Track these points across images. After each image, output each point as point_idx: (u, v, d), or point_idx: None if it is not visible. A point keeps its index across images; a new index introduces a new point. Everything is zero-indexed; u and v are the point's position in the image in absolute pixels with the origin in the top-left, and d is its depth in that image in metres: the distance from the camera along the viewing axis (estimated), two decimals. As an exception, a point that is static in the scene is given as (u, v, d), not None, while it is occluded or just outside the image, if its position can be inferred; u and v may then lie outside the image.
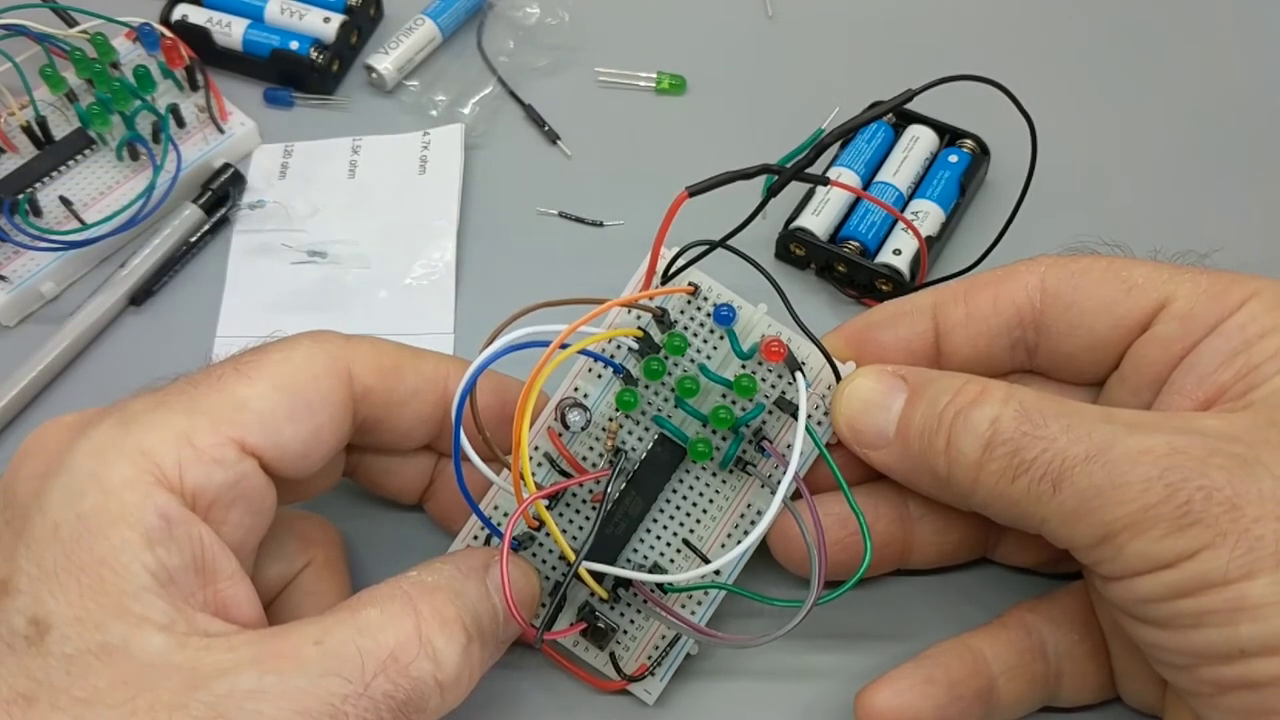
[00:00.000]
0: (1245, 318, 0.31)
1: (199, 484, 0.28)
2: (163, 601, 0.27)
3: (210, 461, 0.29)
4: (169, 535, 0.28)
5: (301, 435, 0.31)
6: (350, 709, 0.26)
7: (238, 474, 0.29)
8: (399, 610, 0.29)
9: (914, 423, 0.32)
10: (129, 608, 0.26)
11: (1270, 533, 0.27)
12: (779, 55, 0.56)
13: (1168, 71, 0.56)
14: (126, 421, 0.29)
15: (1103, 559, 0.29)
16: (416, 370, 0.34)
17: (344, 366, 0.32)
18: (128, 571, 0.27)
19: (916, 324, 0.36)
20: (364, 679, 0.27)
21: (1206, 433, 0.29)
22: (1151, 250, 0.35)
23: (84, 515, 0.27)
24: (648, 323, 0.35)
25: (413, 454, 0.37)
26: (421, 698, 0.28)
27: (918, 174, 0.49)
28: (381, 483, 0.38)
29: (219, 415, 0.29)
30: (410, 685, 0.28)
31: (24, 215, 0.46)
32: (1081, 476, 0.29)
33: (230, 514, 0.30)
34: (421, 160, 0.52)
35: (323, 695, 0.26)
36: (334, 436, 0.32)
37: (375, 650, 0.27)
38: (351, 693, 0.27)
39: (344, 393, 0.32)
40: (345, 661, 0.27)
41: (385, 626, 0.28)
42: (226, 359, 0.32)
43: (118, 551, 0.27)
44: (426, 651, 0.28)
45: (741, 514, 0.35)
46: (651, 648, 0.36)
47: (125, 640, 0.26)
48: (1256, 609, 0.27)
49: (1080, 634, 0.35)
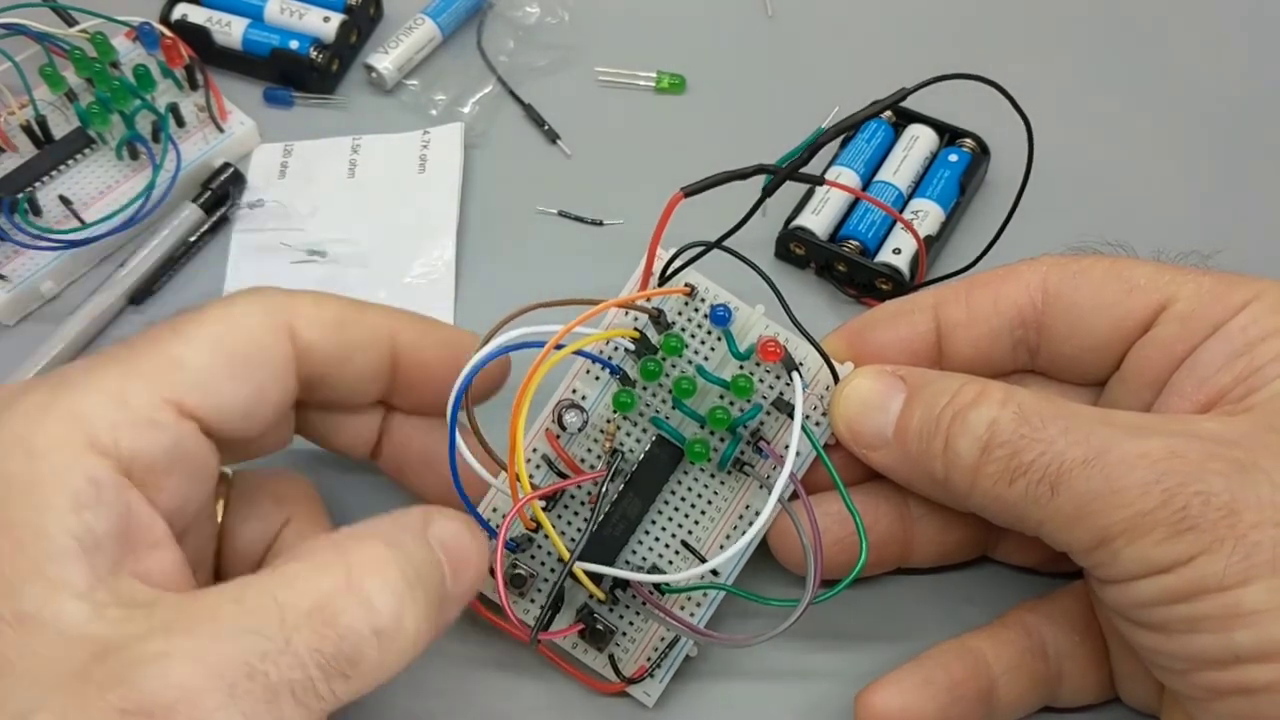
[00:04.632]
0: (1247, 320, 0.31)
1: (134, 448, 0.27)
2: (83, 567, 0.25)
3: (146, 424, 0.28)
4: (97, 500, 0.26)
5: (243, 394, 0.30)
6: (270, 668, 0.24)
7: (175, 437, 0.28)
8: (327, 560, 0.27)
9: (912, 424, 0.32)
10: (46, 573, 0.25)
11: (1267, 539, 0.27)
12: (779, 55, 0.56)
13: (1170, 71, 0.55)
14: (59, 385, 0.28)
15: (1100, 562, 0.29)
16: (360, 323, 0.33)
17: (284, 321, 0.31)
18: (48, 536, 0.25)
19: (918, 323, 0.35)
20: (284, 633, 0.25)
21: (1205, 436, 0.29)
22: (1154, 251, 0.35)
23: (6, 478, 0.26)
24: (645, 324, 0.35)
25: (362, 410, 0.36)
26: (355, 649, 0.25)
27: (917, 173, 0.49)
28: (331, 439, 0.37)
29: (155, 376, 0.28)
30: (340, 635, 0.25)
31: (24, 214, 0.46)
32: (1079, 480, 0.29)
33: (168, 480, 0.28)
34: (421, 160, 0.52)
35: (236, 654, 0.24)
36: (278, 394, 0.31)
37: (296, 601, 0.25)
38: (271, 649, 0.24)
39: (285, 349, 0.31)
40: (262, 616, 0.25)
41: (310, 577, 0.26)
42: (163, 320, 0.30)
43: (40, 514, 0.25)
44: (358, 599, 0.26)
45: (740, 515, 0.35)
46: (651, 650, 0.35)
47: (39, 608, 0.25)
48: (1252, 615, 0.27)
49: (1081, 635, 0.35)
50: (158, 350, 0.29)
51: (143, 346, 0.29)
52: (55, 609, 0.25)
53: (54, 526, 0.25)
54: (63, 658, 0.24)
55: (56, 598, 0.25)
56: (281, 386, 0.31)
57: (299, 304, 0.32)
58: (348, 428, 0.37)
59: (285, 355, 0.31)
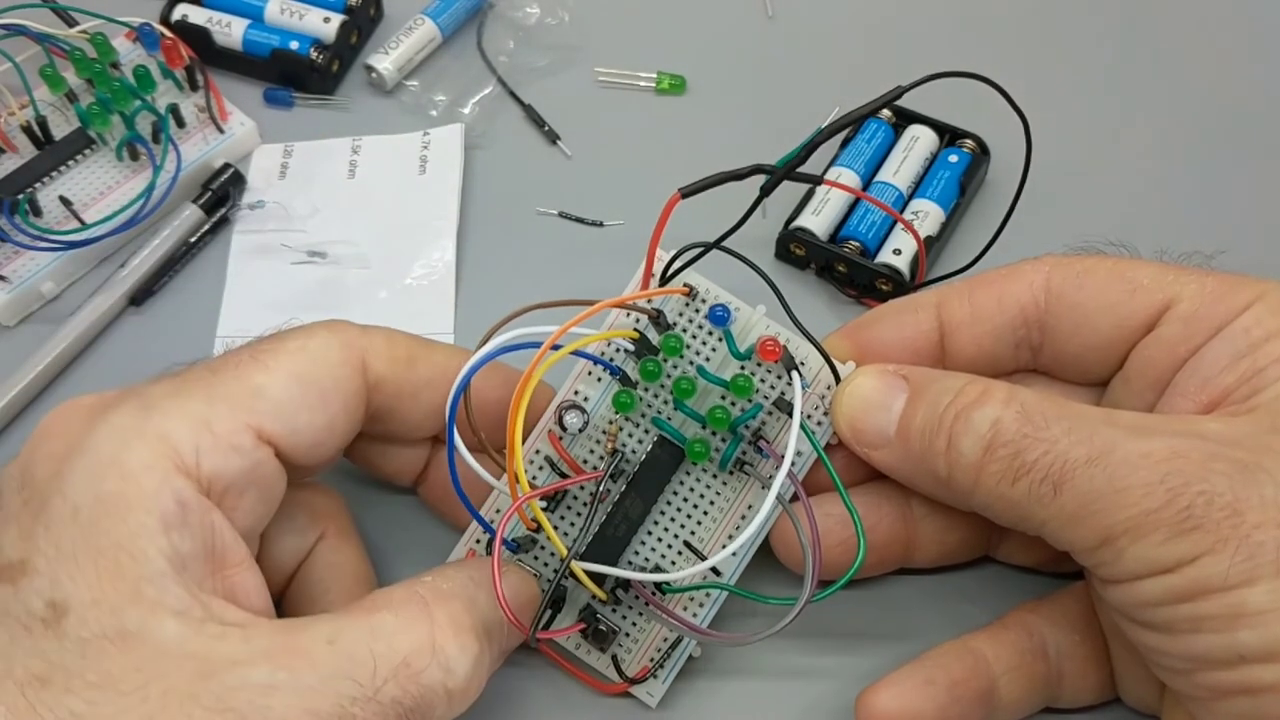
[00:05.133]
0: (1251, 320, 0.31)
1: (215, 470, 0.29)
2: (178, 587, 0.27)
3: (228, 448, 0.29)
4: (184, 521, 0.28)
5: (316, 424, 0.31)
6: (359, 711, 0.27)
7: (253, 461, 0.30)
8: (414, 616, 0.29)
9: (914, 423, 0.32)
10: (145, 593, 0.26)
11: (1271, 539, 0.26)
12: (779, 55, 0.56)
13: (1171, 72, 0.55)
14: (147, 406, 0.29)
15: (1102, 562, 0.29)
16: (429, 361, 0.34)
17: (359, 356, 0.33)
18: (144, 556, 0.27)
19: (920, 321, 0.35)
20: (375, 683, 0.27)
21: (1208, 436, 0.29)
22: (1157, 251, 0.35)
23: (103, 498, 0.27)
24: (645, 325, 0.35)
25: (415, 441, 0.37)
26: (429, 706, 0.28)
27: (918, 174, 0.49)
28: (379, 465, 0.38)
29: (237, 402, 0.30)
30: (419, 693, 0.28)
31: (24, 215, 0.46)
32: (1082, 480, 0.29)
33: (243, 500, 0.30)
34: (421, 160, 0.52)
35: (333, 696, 0.26)
36: (347, 425, 0.33)
37: (388, 655, 0.28)
38: (361, 696, 0.27)
39: (358, 382, 0.33)
40: (358, 664, 0.27)
41: (400, 631, 0.28)
42: (244, 346, 0.32)
43: (135, 536, 0.27)
44: (439, 660, 0.28)
45: (742, 515, 0.35)
46: (654, 650, 0.35)
47: (140, 626, 0.26)
48: (1256, 615, 0.26)
49: (1081, 635, 0.35)
50: (240, 377, 0.30)
51: (225, 372, 0.30)
52: (156, 627, 0.26)
53: (150, 547, 0.27)
54: (166, 674, 0.26)
55: (156, 616, 0.26)
56: (351, 418, 0.33)
57: (372, 339, 0.33)
58: (398, 457, 0.38)
59: (358, 388, 0.33)
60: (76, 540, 0.27)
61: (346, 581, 0.35)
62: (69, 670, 0.25)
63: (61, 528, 0.27)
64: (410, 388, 0.34)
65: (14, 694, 0.25)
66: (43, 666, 0.26)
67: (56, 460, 0.28)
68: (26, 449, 0.30)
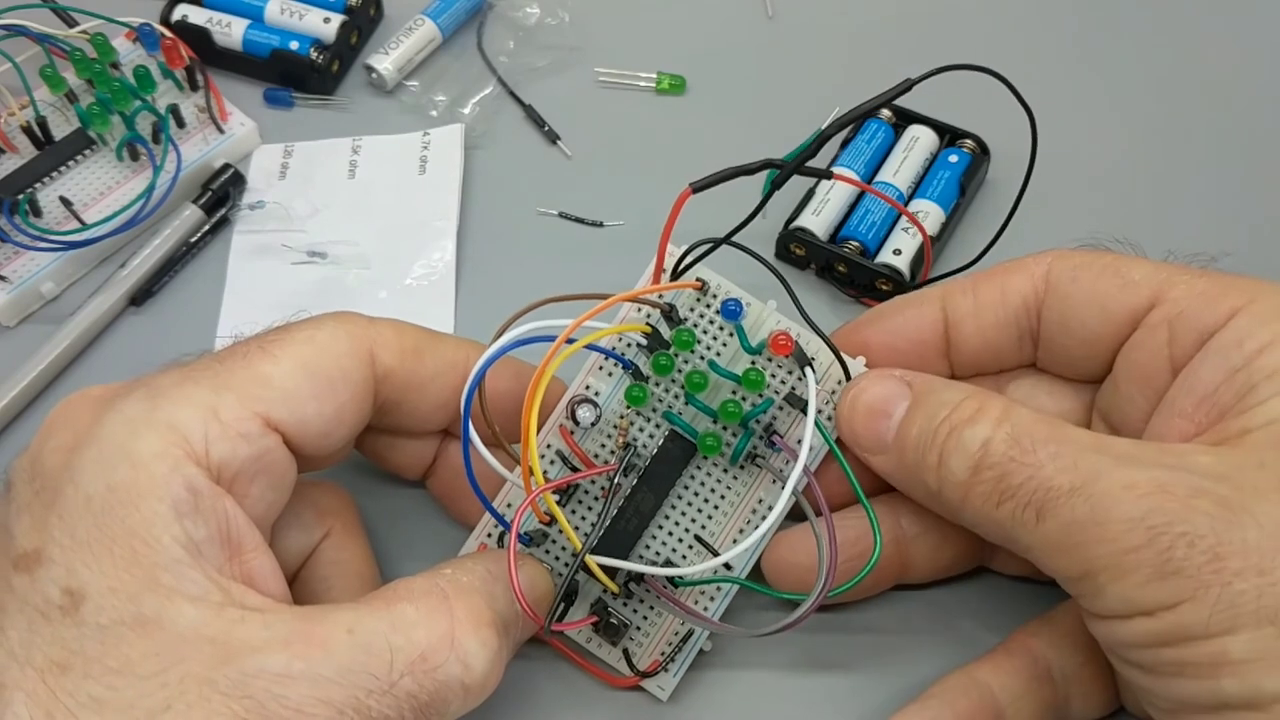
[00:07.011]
0: (1243, 331, 0.31)
1: (224, 458, 0.29)
2: (195, 572, 0.27)
3: (235, 436, 0.29)
4: (196, 508, 0.28)
5: (324, 413, 0.31)
6: (374, 704, 0.27)
7: (261, 448, 0.30)
8: (434, 609, 0.29)
9: (911, 434, 0.32)
10: (161, 580, 0.27)
11: (1251, 587, 0.26)
12: (779, 55, 0.56)
13: (1173, 71, 0.55)
14: (155, 395, 0.29)
15: (1085, 593, 0.29)
16: (437, 353, 0.34)
17: (367, 347, 0.33)
18: (159, 543, 0.27)
19: (926, 314, 0.36)
20: (391, 677, 0.27)
21: (1195, 471, 0.28)
22: (1165, 252, 0.35)
23: (114, 487, 0.27)
24: (657, 319, 0.35)
25: (424, 434, 0.37)
26: (444, 700, 0.28)
27: (918, 174, 0.49)
28: (387, 457, 0.38)
29: (245, 391, 0.30)
30: (435, 687, 0.28)
31: (24, 215, 0.45)
32: (1065, 509, 0.28)
33: (253, 488, 0.30)
34: (421, 160, 0.51)
35: (349, 688, 0.27)
36: (355, 416, 0.33)
37: (407, 648, 0.28)
38: (377, 688, 0.27)
39: (366, 373, 0.33)
40: (375, 656, 0.27)
41: (419, 625, 0.28)
42: (252, 337, 0.32)
43: (148, 523, 0.27)
44: (458, 654, 0.28)
45: (753, 509, 0.35)
46: (665, 644, 0.36)
47: (158, 612, 0.26)
48: (1240, 664, 0.26)
49: (1085, 656, 0.34)
50: (247, 366, 0.31)
51: (232, 362, 0.31)
52: (173, 612, 0.26)
53: (164, 534, 0.27)
54: (186, 659, 0.26)
55: (173, 602, 0.27)
56: (359, 408, 0.33)
57: (381, 330, 0.33)
58: (407, 450, 0.38)
59: (365, 379, 0.33)
60: (90, 529, 0.27)
61: (350, 579, 0.35)
62: (88, 656, 0.26)
63: (75, 517, 0.27)
64: (418, 380, 0.34)
65: (34, 680, 0.25)
66: (62, 653, 0.26)
67: (66, 451, 0.29)
68: (36, 440, 0.30)
